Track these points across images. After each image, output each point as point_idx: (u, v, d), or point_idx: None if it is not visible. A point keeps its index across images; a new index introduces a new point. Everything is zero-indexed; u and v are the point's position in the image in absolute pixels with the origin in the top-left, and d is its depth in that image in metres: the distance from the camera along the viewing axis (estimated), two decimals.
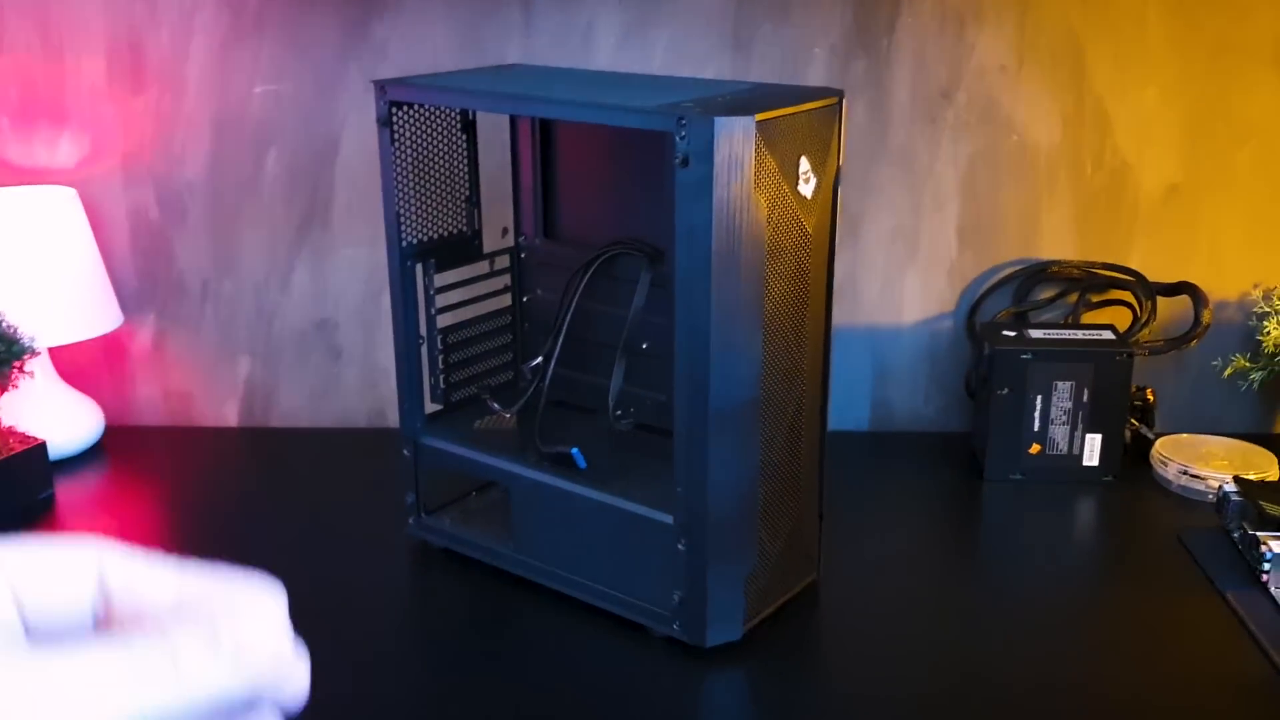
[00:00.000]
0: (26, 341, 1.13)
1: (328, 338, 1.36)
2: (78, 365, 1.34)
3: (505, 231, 1.15)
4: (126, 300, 1.33)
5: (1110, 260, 1.29)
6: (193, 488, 1.24)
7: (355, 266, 1.33)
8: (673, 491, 0.90)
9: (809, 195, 0.88)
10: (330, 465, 1.29)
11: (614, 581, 0.96)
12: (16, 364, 1.13)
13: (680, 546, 0.90)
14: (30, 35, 1.27)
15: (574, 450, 1.00)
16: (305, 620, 1.01)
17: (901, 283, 1.32)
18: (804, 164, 0.87)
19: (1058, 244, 1.30)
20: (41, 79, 1.28)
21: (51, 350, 1.27)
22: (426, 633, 1.00)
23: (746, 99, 0.87)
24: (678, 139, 0.81)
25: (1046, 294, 1.31)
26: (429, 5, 1.25)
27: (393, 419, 1.34)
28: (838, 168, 0.91)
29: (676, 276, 0.85)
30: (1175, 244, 1.29)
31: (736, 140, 0.81)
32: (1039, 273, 1.30)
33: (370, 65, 1.26)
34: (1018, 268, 1.31)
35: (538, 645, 0.96)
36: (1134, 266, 1.29)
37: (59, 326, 1.22)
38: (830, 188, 0.91)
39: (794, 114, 0.85)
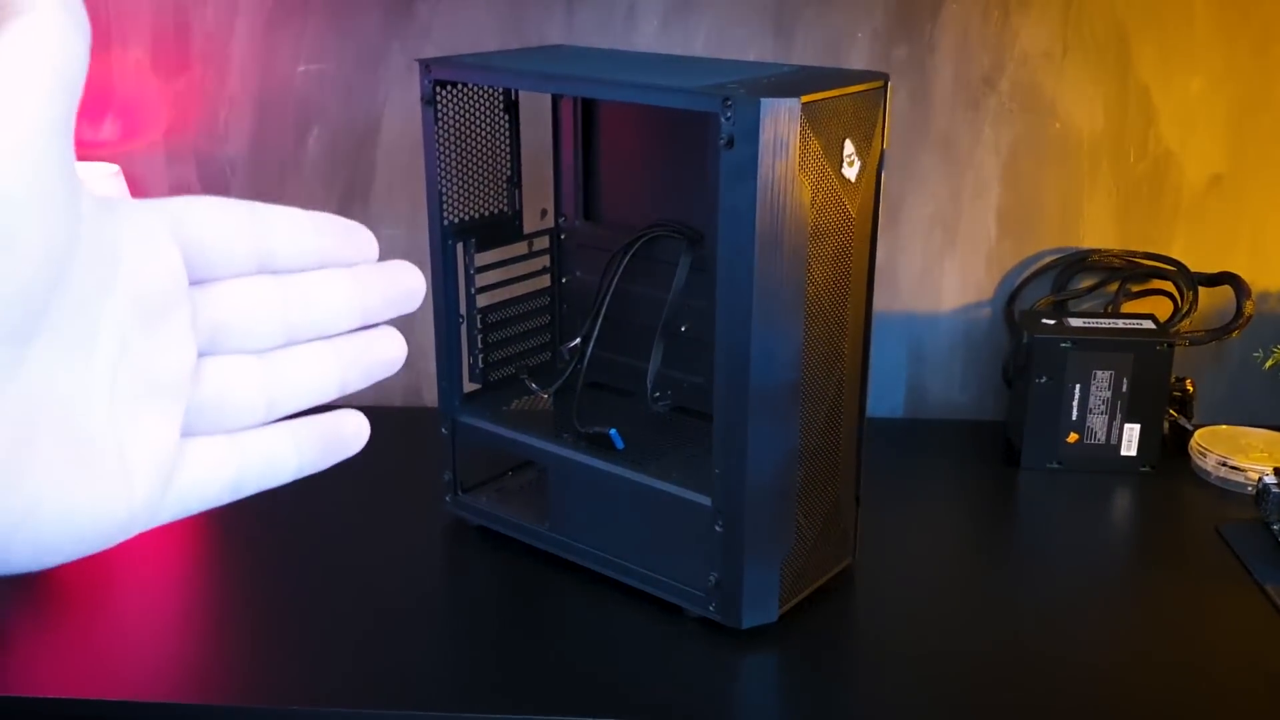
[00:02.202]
0: None
1: None
2: None
3: (544, 213, 1.15)
4: None
5: (1152, 249, 1.28)
6: None
7: (394, 246, 1.34)
8: (710, 473, 0.90)
9: (853, 178, 0.88)
10: (366, 442, 1.29)
11: (650, 562, 0.97)
12: None
13: (717, 528, 0.91)
14: None
15: (612, 431, 1.00)
16: (341, 597, 1.02)
17: (940, 269, 1.31)
18: (848, 147, 0.86)
19: (1099, 232, 1.29)
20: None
21: None
22: (461, 610, 1.01)
23: (792, 81, 0.87)
24: (723, 120, 0.81)
25: (1086, 283, 1.31)
26: None
27: (429, 397, 1.35)
28: (882, 151, 0.91)
29: (719, 258, 0.85)
30: (1218, 234, 1.28)
31: (782, 122, 0.80)
32: (1079, 261, 1.29)
33: (413, 46, 1.27)
34: (1058, 256, 1.30)
35: (572, 625, 0.96)
36: (1176, 256, 1.28)
37: None
38: (874, 171, 0.91)
39: (839, 96, 0.85)
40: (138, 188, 1.31)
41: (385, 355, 0.36)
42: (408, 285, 0.36)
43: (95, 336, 0.29)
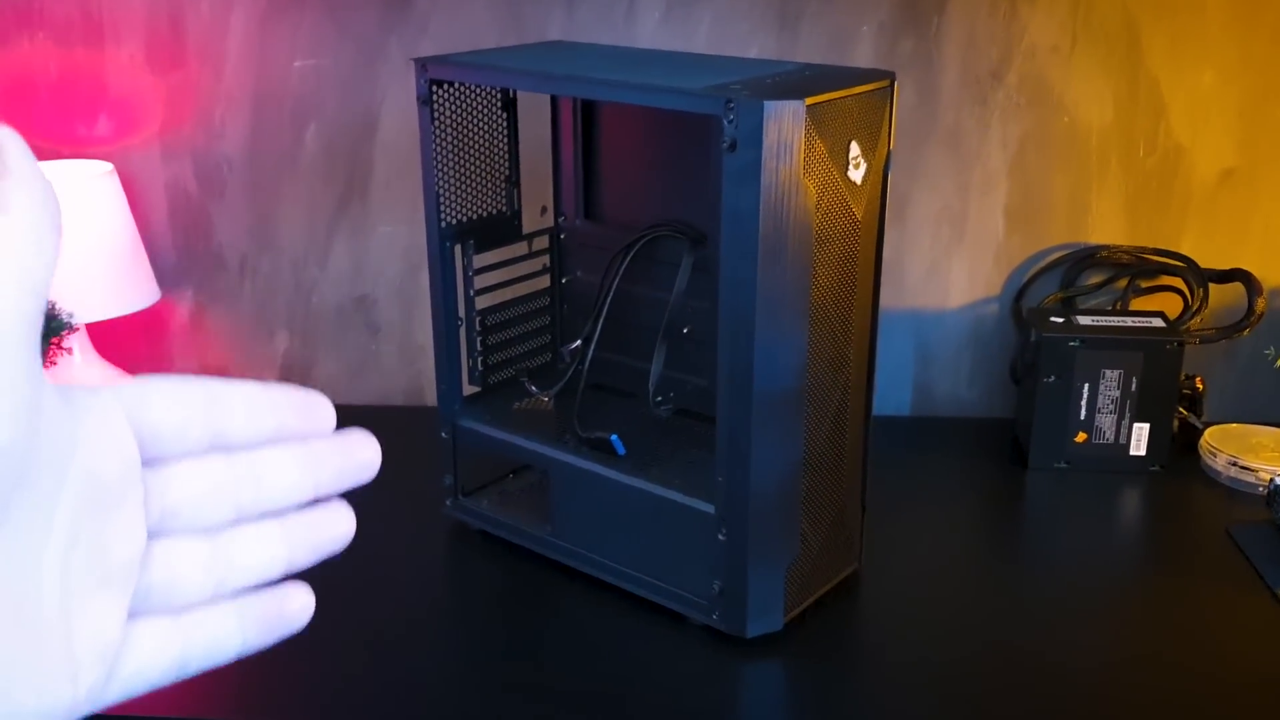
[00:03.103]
0: (65, 318, 1.13)
1: (366, 314, 1.35)
2: (115, 341, 1.34)
3: (544, 210, 1.14)
4: (164, 275, 1.33)
5: (1161, 245, 1.27)
6: None
7: (393, 243, 1.32)
8: (713, 479, 0.89)
9: (858, 181, 0.86)
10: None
11: (653, 569, 0.95)
12: (55, 340, 1.13)
13: (721, 536, 0.89)
14: (70, 8, 1.26)
15: (613, 436, 0.98)
16: (340, 600, 1.01)
17: (947, 265, 1.30)
18: (854, 149, 0.85)
19: (1108, 228, 1.27)
20: (81, 53, 1.27)
21: (89, 326, 1.26)
22: (462, 616, 1.00)
23: (795, 81, 0.85)
24: (725, 123, 0.79)
25: (1095, 279, 1.29)
26: None
27: (430, 396, 1.34)
28: (888, 152, 0.89)
29: (722, 264, 0.83)
30: (1229, 229, 1.26)
31: (786, 124, 0.79)
32: (1088, 257, 1.27)
33: (410, 40, 1.25)
34: (1066, 252, 1.28)
35: (574, 632, 0.95)
36: (1186, 252, 1.26)
37: (97, 302, 1.22)
38: (880, 172, 0.89)
39: (844, 97, 0.83)
40: (133, 186, 1.30)
41: (334, 532, 0.37)
42: (362, 459, 0.36)
43: (49, 528, 0.29)
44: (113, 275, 1.23)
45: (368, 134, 1.29)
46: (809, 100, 0.79)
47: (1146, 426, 1.17)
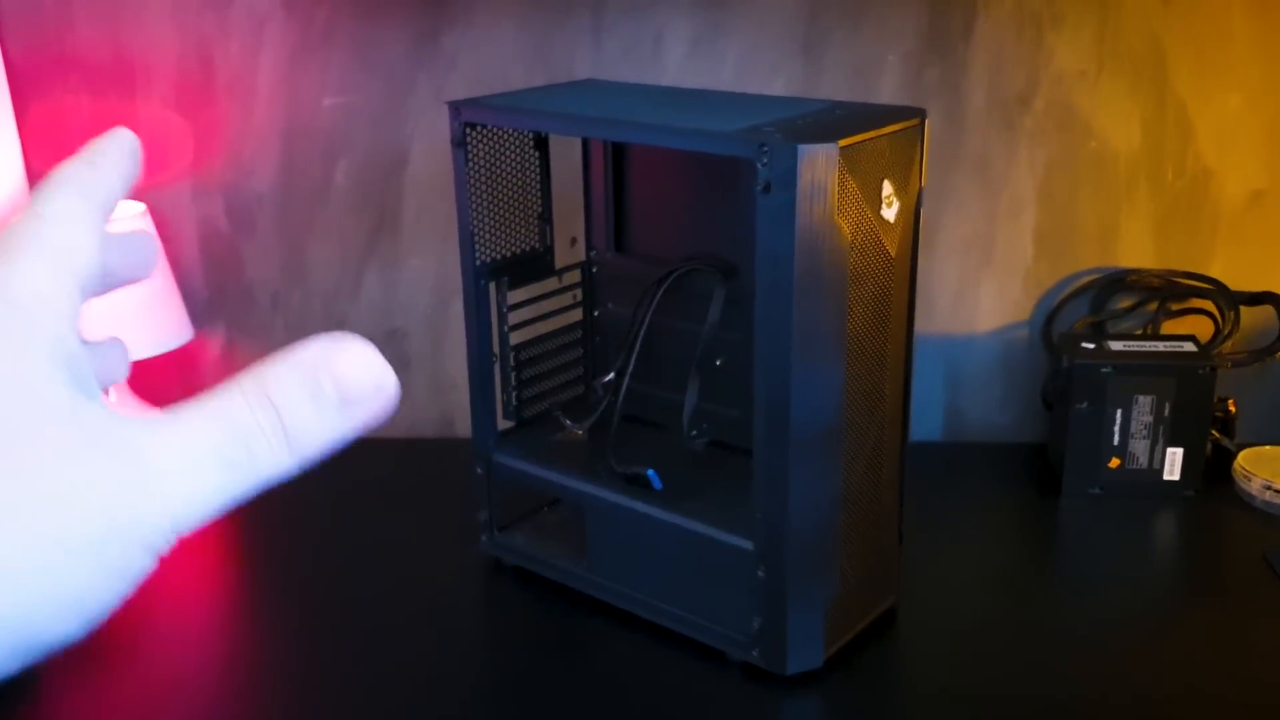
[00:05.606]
0: None
1: (397, 347, 1.36)
2: (150, 380, 1.34)
3: (574, 241, 1.14)
4: (197, 312, 1.34)
5: (1191, 269, 1.26)
6: (262, 498, 1.24)
7: (424, 277, 1.33)
8: (751, 515, 0.89)
9: (891, 219, 0.86)
10: (399, 476, 1.28)
11: (691, 606, 0.96)
12: None
13: (760, 574, 0.89)
14: (102, 47, 1.27)
15: (650, 471, 0.99)
16: (374, 638, 1.01)
17: (976, 290, 1.30)
18: (886, 187, 0.85)
19: (1137, 252, 1.27)
20: (112, 91, 1.29)
21: None
22: (497, 653, 1.00)
23: (827, 122, 0.86)
24: (759, 165, 0.80)
25: (1125, 303, 1.29)
26: (498, 16, 1.24)
27: (461, 428, 1.34)
28: (920, 189, 0.89)
29: (757, 304, 0.83)
30: (1259, 252, 1.26)
31: (819, 166, 0.79)
32: (1117, 281, 1.27)
33: (439, 76, 1.26)
34: (1095, 276, 1.28)
35: (612, 669, 0.95)
36: (1215, 275, 1.25)
37: (131, 343, 1.22)
38: (912, 209, 0.89)
39: (876, 138, 0.83)
40: (165, 224, 1.31)
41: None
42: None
43: None
44: (146, 315, 1.24)
45: (397, 169, 1.30)
46: (842, 142, 0.79)
47: (1180, 451, 1.17)
